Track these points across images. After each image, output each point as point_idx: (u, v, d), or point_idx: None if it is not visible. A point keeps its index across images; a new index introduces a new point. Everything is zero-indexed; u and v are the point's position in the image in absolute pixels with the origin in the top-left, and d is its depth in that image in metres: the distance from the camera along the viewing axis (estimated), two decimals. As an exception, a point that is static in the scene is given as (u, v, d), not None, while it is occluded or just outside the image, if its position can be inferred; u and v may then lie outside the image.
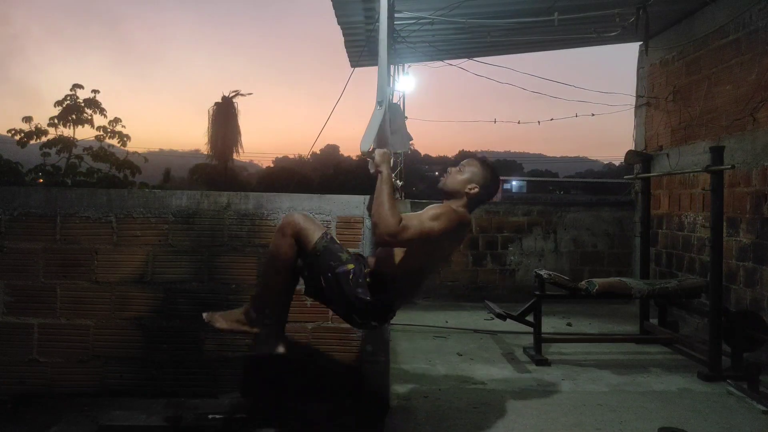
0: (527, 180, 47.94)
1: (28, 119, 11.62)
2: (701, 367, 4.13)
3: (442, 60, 7.28)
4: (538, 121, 9.09)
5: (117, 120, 12.04)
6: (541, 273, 4.60)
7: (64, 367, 3.20)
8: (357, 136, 2.69)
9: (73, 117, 11.65)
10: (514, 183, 45.77)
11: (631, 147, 6.92)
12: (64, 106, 11.68)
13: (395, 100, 7.00)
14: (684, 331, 5.33)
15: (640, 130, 6.92)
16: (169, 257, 3.24)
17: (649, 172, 5.69)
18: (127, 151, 12.15)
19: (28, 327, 3.20)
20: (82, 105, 11.74)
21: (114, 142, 11.94)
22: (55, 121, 11.58)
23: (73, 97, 11.75)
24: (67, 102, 11.72)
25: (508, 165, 60.92)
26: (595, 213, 7.25)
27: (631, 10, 5.37)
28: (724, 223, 4.61)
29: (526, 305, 4.54)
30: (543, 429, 3.11)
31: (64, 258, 3.22)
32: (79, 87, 11.88)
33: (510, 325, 4.75)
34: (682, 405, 3.51)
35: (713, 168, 4.16)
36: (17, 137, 11.34)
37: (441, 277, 7.03)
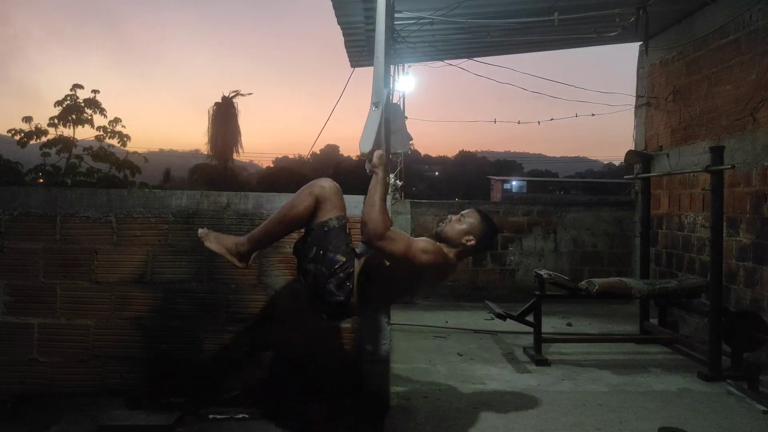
0: (527, 180, 47.95)
1: (28, 119, 11.63)
2: (701, 367, 4.13)
3: (442, 60, 7.28)
4: (538, 121, 9.12)
5: (117, 120, 12.05)
6: (541, 273, 4.60)
7: (64, 367, 3.20)
8: (357, 136, 2.70)
9: (73, 117, 11.65)
10: (514, 183, 45.79)
11: (631, 147, 6.92)
12: (64, 106, 11.68)
13: (395, 100, 7.00)
14: (684, 331, 5.33)
15: (640, 130, 6.92)
16: (168, 257, 3.24)
17: (649, 172, 5.69)
18: (127, 151, 12.16)
19: (28, 327, 3.20)
20: (82, 105, 11.74)
21: (114, 142, 11.94)
22: (55, 121, 11.59)
23: (73, 97, 11.75)
24: (67, 102, 11.72)
25: (508, 165, 60.92)
26: (595, 213, 7.25)
27: (631, 10, 5.37)
28: (724, 223, 4.61)
29: (526, 305, 4.55)
30: (543, 429, 3.11)
31: (64, 258, 3.22)
32: (79, 87, 11.88)
33: (510, 325, 4.76)
34: (682, 405, 3.51)
35: (713, 168, 4.16)
36: (17, 137, 11.34)
37: (441, 277, 7.03)
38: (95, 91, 11.94)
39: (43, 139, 11.53)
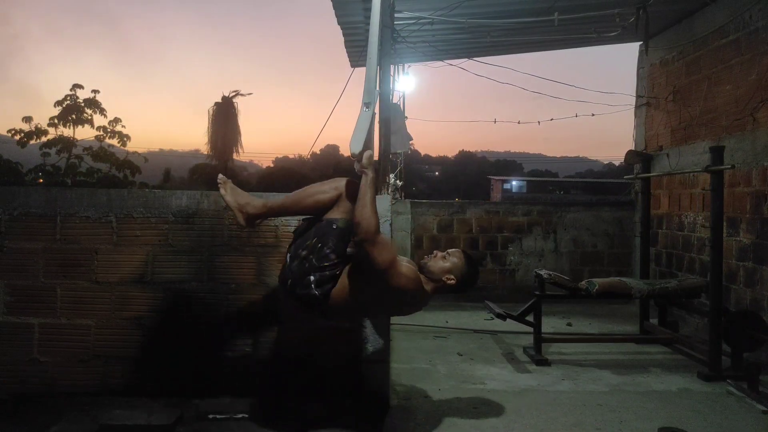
0: (527, 180, 47.96)
1: (28, 119, 11.63)
2: (701, 367, 4.14)
3: (442, 60, 7.29)
4: (538, 121, 9.15)
5: (117, 120, 12.04)
6: (541, 273, 4.60)
7: (64, 367, 3.20)
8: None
9: (73, 117, 11.65)
10: (514, 183, 45.79)
11: (631, 147, 6.92)
12: (64, 106, 11.68)
13: (395, 100, 7.00)
14: (684, 331, 5.33)
15: (640, 130, 6.93)
16: (169, 257, 3.24)
17: (649, 172, 5.69)
18: (127, 151, 12.16)
19: (28, 327, 3.20)
20: (82, 105, 11.74)
21: (114, 142, 11.95)
22: (55, 121, 11.58)
23: (73, 97, 11.75)
24: (67, 102, 11.72)
25: (508, 165, 60.94)
26: (595, 213, 7.25)
27: (631, 10, 5.38)
28: (724, 223, 4.61)
29: (526, 305, 4.55)
30: (543, 429, 3.11)
31: (64, 258, 3.22)
32: (79, 87, 11.88)
33: (510, 325, 4.76)
34: (682, 405, 3.51)
35: (713, 168, 4.16)
36: (17, 137, 11.35)
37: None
38: (95, 91, 11.94)
39: (43, 139, 11.53)
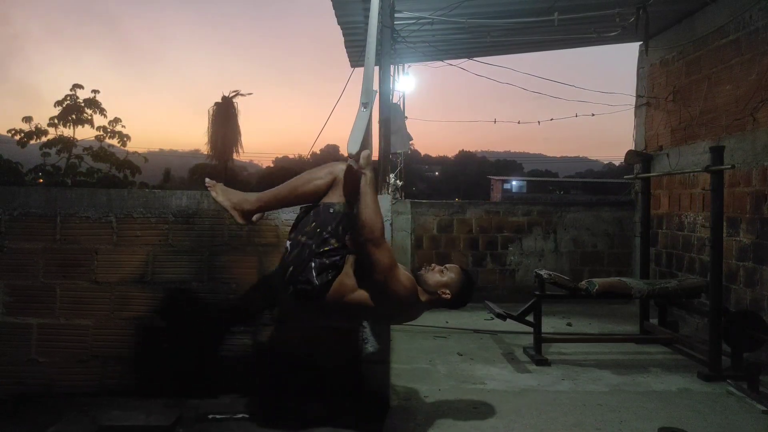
0: (527, 180, 47.96)
1: (28, 119, 11.64)
2: (701, 367, 4.13)
3: (442, 60, 7.29)
4: (538, 121, 9.15)
5: (117, 120, 12.07)
6: (541, 273, 4.60)
7: (63, 367, 3.20)
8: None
9: (73, 117, 11.66)
10: (514, 183, 45.79)
11: (631, 147, 6.92)
12: (64, 106, 11.70)
13: (395, 100, 7.00)
14: (684, 331, 5.33)
15: (640, 130, 6.92)
16: (169, 257, 3.24)
17: (649, 172, 5.69)
18: (127, 151, 12.18)
19: (27, 327, 3.19)
20: (82, 105, 11.76)
21: (114, 142, 11.97)
22: (55, 121, 11.60)
23: (73, 97, 11.76)
24: (67, 102, 11.74)
25: (508, 165, 60.94)
26: (595, 213, 7.25)
27: (631, 10, 5.38)
28: (724, 223, 4.61)
29: (526, 305, 4.55)
30: (543, 429, 3.11)
31: (64, 258, 3.22)
32: (79, 87, 11.89)
33: (510, 325, 4.75)
34: (682, 405, 3.51)
35: (713, 168, 4.16)
36: (17, 137, 11.36)
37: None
38: (95, 91, 11.97)
39: (43, 139, 11.55)
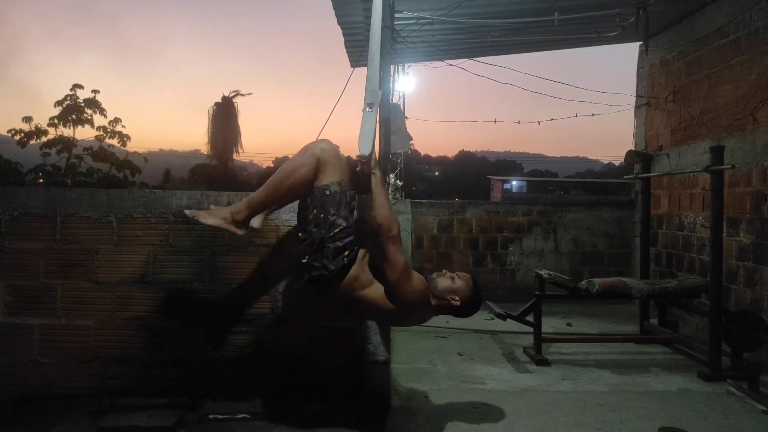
0: (527, 180, 47.97)
1: (28, 119, 11.65)
2: (701, 367, 4.14)
3: (442, 60, 7.28)
4: (538, 121, 9.13)
5: (117, 120, 12.08)
6: (542, 273, 4.60)
7: (64, 368, 3.19)
8: (357, 136, 2.70)
9: (73, 117, 11.67)
10: (514, 183, 45.80)
11: (631, 147, 6.92)
12: (64, 106, 11.70)
13: (395, 100, 7.00)
14: (684, 331, 5.34)
15: (640, 130, 6.92)
16: (169, 257, 3.24)
17: (649, 172, 5.69)
18: (127, 151, 12.19)
19: (28, 327, 3.19)
20: (82, 105, 11.76)
21: (114, 142, 11.98)
22: (55, 121, 11.61)
23: (73, 97, 11.77)
24: (67, 102, 11.74)
25: (508, 165, 60.94)
26: (595, 213, 7.25)
27: (631, 10, 5.38)
28: (724, 223, 4.61)
29: (526, 305, 4.55)
30: (543, 429, 3.11)
31: (65, 258, 3.21)
32: (79, 87, 11.90)
33: (510, 325, 4.76)
34: (682, 405, 3.51)
35: (713, 168, 4.16)
36: (17, 137, 11.37)
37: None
38: (95, 91, 11.98)
39: (43, 139, 11.56)
